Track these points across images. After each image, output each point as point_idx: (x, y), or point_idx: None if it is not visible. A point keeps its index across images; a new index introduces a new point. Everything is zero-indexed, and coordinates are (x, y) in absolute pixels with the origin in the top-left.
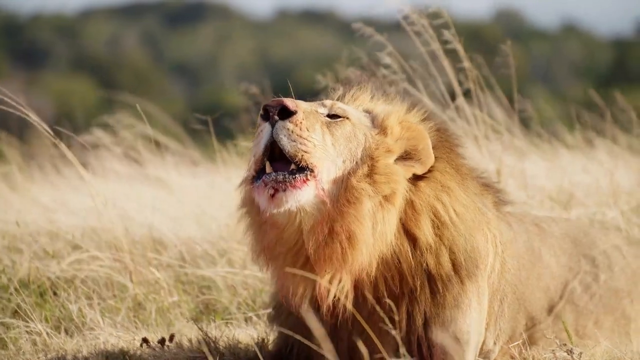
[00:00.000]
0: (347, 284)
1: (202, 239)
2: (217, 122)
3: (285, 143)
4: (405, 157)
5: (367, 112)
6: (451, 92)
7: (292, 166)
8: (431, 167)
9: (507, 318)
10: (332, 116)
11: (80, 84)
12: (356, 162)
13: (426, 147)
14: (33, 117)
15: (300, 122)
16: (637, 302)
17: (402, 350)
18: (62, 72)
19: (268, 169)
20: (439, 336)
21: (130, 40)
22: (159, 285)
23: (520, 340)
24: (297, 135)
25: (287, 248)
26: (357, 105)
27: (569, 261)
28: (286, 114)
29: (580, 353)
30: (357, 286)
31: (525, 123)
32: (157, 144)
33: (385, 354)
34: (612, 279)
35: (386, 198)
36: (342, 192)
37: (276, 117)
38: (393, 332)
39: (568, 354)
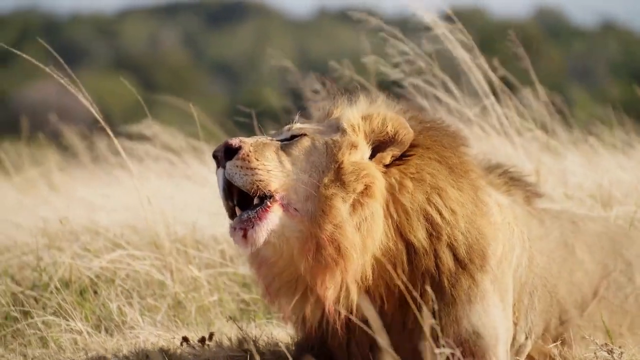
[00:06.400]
0: (354, 294)
1: None
2: (257, 121)
3: (237, 179)
4: (383, 146)
5: (334, 120)
6: (493, 90)
7: (255, 200)
8: (412, 151)
9: (539, 311)
10: (290, 138)
11: (120, 84)
12: (322, 171)
13: (397, 126)
14: (97, 116)
15: (247, 155)
16: None
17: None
18: (101, 71)
19: (238, 212)
20: (455, 333)
21: (169, 39)
22: (199, 284)
23: (560, 341)
24: (247, 168)
25: (284, 281)
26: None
27: (605, 258)
28: (232, 152)
29: (622, 353)
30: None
31: (564, 121)
32: (198, 142)
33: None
34: None
35: (362, 194)
36: (317, 205)
37: (224, 160)
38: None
39: (609, 354)
